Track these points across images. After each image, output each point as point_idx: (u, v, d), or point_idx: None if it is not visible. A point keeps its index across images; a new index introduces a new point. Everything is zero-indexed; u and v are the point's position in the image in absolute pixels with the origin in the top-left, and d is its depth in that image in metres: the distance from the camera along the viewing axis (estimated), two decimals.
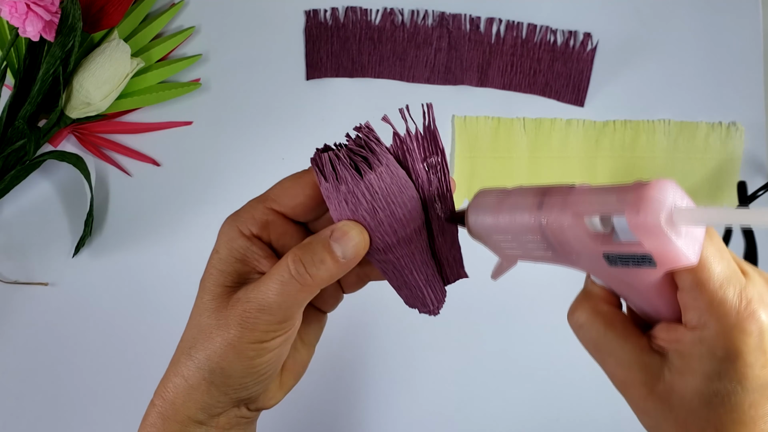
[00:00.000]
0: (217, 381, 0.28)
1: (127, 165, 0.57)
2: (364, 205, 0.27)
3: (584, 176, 0.59)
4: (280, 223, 0.29)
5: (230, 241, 0.29)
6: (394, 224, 0.27)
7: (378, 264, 0.30)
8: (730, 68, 0.60)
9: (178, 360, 0.29)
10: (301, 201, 0.29)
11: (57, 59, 0.50)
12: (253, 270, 0.29)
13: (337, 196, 0.27)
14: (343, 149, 0.27)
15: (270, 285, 0.27)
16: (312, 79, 0.58)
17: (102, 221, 0.56)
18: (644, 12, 0.60)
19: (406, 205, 0.27)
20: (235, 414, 0.30)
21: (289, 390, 0.33)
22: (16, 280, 0.55)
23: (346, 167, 0.27)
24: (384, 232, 0.27)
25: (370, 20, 0.59)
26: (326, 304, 0.33)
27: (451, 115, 0.59)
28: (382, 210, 0.27)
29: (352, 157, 0.27)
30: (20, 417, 0.54)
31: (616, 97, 0.60)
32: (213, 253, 0.30)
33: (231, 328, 0.28)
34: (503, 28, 0.59)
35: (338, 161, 0.27)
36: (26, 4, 0.47)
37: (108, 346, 0.55)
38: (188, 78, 0.58)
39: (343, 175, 0.27)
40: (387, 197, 0.27)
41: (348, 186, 0.27)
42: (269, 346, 0.28)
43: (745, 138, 0.60)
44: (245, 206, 0.30)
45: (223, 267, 0.29)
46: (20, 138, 0.52)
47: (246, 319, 0.27)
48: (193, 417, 0.29)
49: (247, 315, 0.27)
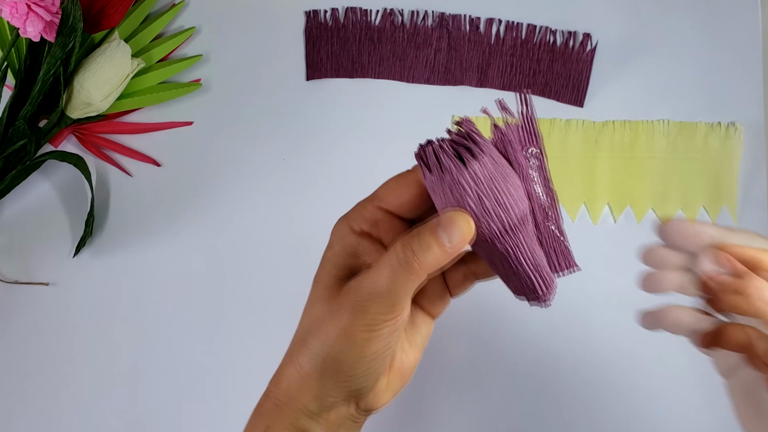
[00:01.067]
0: (329, 369, 0.29)
1: (128, 165, 0.57)
2: (469, 193, 0.27)
3: (584, 176, 0.59)
4: (389, 220, 0.31)
5: (343, 237, 0.31)
6: (500, 212, 0.27)
7: (485, 254, 0.30)
8: (729, 68, 0.60)
9: (293, 350, 0.31)
10: (407, 199, 0.30)
11: (57, 59, 0.50)
12: (363, 263, 0.31)
13: (442, 186, 0.27)
14: (446, 141, 0.28)
15: (380, 272, 0.28)
16: (312, 80, 0.59)
17: (102, 221, 0.56)
18: (644, 12, 0.61)
19: (510, 193, 0.28)
20: (345, 411, 0.31)
21: (396, 393, 0.33)
22: (17, 280, 0.55)
23: (450, 157, 0.27)
24: (490, 219, 0.28)
25: (370, 21, 0.59)
26: (434, 306, 0.34)
27: (451, 116, 0.59)
28: (487, 198, 0.27)
29: (455, 147, 0.28)
30: (20, 417, 0.54)
31: (615, 98, 0.60)
32: (327, 249, 0.32)
33: (343, 314, 0.29)
34: (503, 29, 0.59)
35: (442, 152, 0.27)
36: (27, 5, 0.47)
37: (108, 346, 0.55)
38: (189, 78, 0.58)
39: (447, 165, 0.27)
40: (491, 185, 0.27)
41: (452, 176, 0.27)
42: (380, 334, 0.29)
43: (744, 138, 0.60)
44: (355, 206, 0.32)
45: (336, 261, 0.31)
46: (21, 138, 0.52)
47: (357, 305, 0.29)
48: (306, 406, 0.30)
49: (359, 301, 0.29)
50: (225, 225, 0.56)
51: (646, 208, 0.59)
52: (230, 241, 0.56)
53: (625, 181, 0.59)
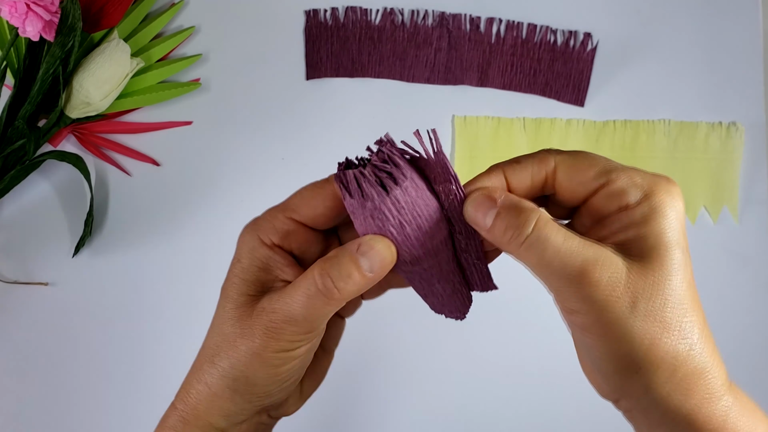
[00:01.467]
0: (241, 389, 0.28)
1: (127, 165, 0.57)
2: (390, 220, 0.26)
3: None
4: (301, 232, 0.29)
5: (252, 250, 0.29)
6: (420, 237, 0.27)
7: (404, 274, 0.29)
8: (729, 68, 0.60)
9: (201, 367, 0.29)
10: (322, 212, 0.29)
11: (57, 59, 0.50)
12: (275, 278, 0.29)
13: (362, 212, 0.27)
14: (368, 166, 0.27)
15: (296, 297, 0.27)
16: (312, 79, 0.58)
17: (102, 221, 0.56)
18: (644, 12, 0.60)
19: (431, 218, 0.27)
20: (257, 421, 0.30)
21: (309, 396, 0.33)
22: (16, 280, 0.55)
23: (371, 185, 0.26)
24: (411, 245, 0.27)
25: (370, 20, 0.59)
26: (346, 310, 0.33)
27: (451, 115, 0.59)
28: (408, 224, 0.27)
29: (377, 173, 0.27)
30: (20, 417, 0.54)
31: (616, 97, 0.60)
32: (234, 261, 0.30)
33: (256, 337, 0.28)
34: (503, 28, 0.59)
35: (363, 179, 0.26)
36: (26, 4, 0.47)
37: (108, 346, 0.55)
38: (188, 78, 0.58)
39: (369, 193, 0.26)
40: (413, 211, 0.27)
41: (374, 203, 0.26)
42: (294, 355, 0.28)
43: (745, 138, 0.60)
44: (265, 215, 0.30)
45: (245, 276, 0.29)
46: (20, 138, 0.52)
47: (271, 329, 0.27)
48: (215, 424, 0.29)
49: (273, 325, 0.27)
50: (224, 225, 0.56)
51: None
52: (230, 241, 0.56)
53: None
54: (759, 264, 0.59)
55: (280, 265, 0.29)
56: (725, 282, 0.59)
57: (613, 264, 0.25)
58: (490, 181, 0.28)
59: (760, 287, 0.59)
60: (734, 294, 0.59)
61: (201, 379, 0.29)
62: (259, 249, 0.29)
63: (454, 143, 0.58)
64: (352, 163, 0.28)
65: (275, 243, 0.29)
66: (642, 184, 0.27)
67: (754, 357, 0.59)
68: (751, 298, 0.59)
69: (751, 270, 0.59)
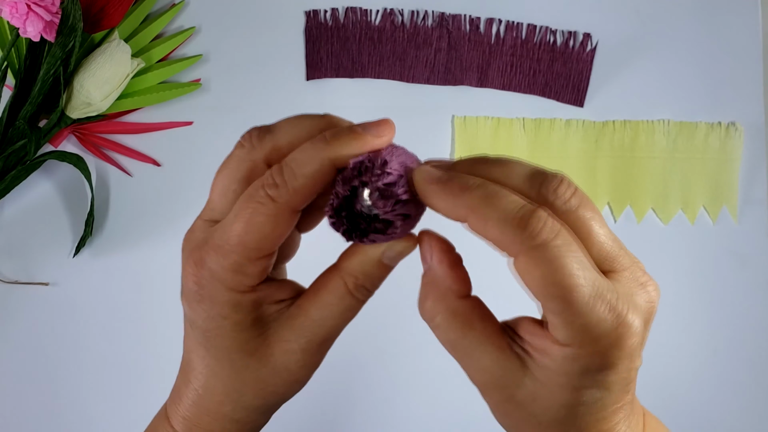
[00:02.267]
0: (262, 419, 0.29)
1: (128, 165, 0.57)
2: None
3: (584, 176, 0.59)
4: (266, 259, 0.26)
5: (234, 305, 0.25)
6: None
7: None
8: (729, 68, 0.60)
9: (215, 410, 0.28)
10: (278, 239, 0.25)
11: (57, 59, 0.50)
12: (271, 304, 0.27)
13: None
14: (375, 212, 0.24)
15: (329, 309, 0.26)
16: (312, 80, 0.59)
17: (102, 221, 0.56)
18: (644, 12, 0.61)
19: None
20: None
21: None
22: (17, 280, 0.55)
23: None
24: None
25: (370, 20, 0.59)
26: (306, 225, 0.29)
27: (451, 116, 0.59)
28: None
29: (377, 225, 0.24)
30: (20, 417, 0.54)
31: (615, 98, 0.60)
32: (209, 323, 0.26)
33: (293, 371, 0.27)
34: (503, 29, 0.59)
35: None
36: (27, 5, 0.47)
37: (108, 346, 0.55)
38: (188, 78, 0.58)
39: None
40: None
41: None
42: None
43: (744, 138, 0.60)
44: (222, 266, 0.25)
45: (239, 330, 0.26)
46: (21, 138, 0.52)
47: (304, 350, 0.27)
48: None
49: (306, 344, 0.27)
50: None
51: (647, 208, 0.59)
52: None
53: (625, 181, 0.59)
54: (758, 264, 0.60)
55: (273, 291, 0.26)
56: (725, 282, 0.59)
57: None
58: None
59: (760, 287, 0.59)
60: (734, 294, 0.59)
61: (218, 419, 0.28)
62: (244, 297, 0.25)
63: (454, 143, 0.59)
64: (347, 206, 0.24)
65: (255, 285, 0.26)
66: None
67: (754, 357, 0.59)
68: (751, 298, 0.59)
69: (750, 270, 0.60)
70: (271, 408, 0.28)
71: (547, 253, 0.21)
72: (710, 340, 0.59)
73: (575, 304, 0.21)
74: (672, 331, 0.59)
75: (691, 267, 0.59)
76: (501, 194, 0.22)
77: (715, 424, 0.58)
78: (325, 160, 0.24)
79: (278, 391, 0.27)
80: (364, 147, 0.24)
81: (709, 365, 0.59)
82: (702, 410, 0.58)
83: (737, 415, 0.59)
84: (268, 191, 0.24)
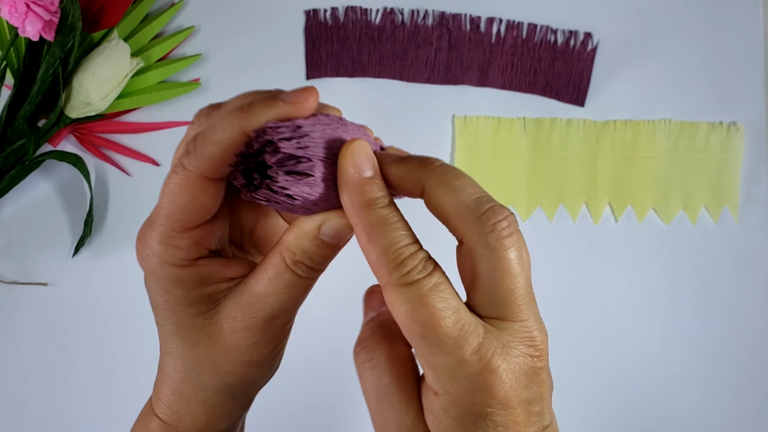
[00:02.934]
0: (239, 392, 0.27)
1: (127, 165, 0.57)
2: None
3: (585, 176, 0.59)
4: (200, 230, 0.25)
5: (174, 280, 0.25)
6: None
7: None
8: (730, 68, 0.60)
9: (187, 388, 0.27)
10: (204, 207, 0.25)
11: (56, 59, 0.50)
12: (219, 282, 0.26)
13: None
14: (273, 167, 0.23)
15: (274, 289, 0.25)
16: (312, 79, 0.58)
17: (102, 221, 0.56)
18: (644, 12, 0.60)
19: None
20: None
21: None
22: (16, 280, 0.55)
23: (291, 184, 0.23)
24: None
25: (370, 20, 0.59)
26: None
27: (451, 115, 0.59)
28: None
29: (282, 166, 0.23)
30: (20, 417, 0.54)
31: (616, 97, 0.60)
32: (159, 298, 0.26)
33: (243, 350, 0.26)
34: (503, 28, 0.59)
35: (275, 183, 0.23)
36: (26, 4, 0.47)
37: (108, 346, 0.55)
38: (188, 78, 0.58)
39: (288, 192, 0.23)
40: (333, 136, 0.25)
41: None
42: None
43: (745, 138, 0.60)
44: (156, 238, 0.25)
45: (182, 303, 0.26)
46: (20, 138, 0.52)
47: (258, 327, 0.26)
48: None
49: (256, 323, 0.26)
50: None
51: (648, 208, 0.59)
52: None
53: (626, 180, 0.59)
54: (759, 264, 0.59)
55: (220, 268, 0.26)
56: (726, 282, 0.59)
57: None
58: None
59: (761, 287, 0.59)
60: (734, 294, 0.59)
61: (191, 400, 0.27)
62: (182, 272, 0.25)
63: (454, 143, 0.58)
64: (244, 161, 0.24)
65: (193, 259, 0.25)
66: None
67: (754, 357, 0.59)
68: (752, 298, 0.59)
69: (751, 270, 0.59)
70: (234, 391, 0.27)
71: (415, 290, 0.21)
72: (711, 340, 0.59)
73: (437, 343, 0.21)
74: (672, 330, 0.59)
75: (692, 267, 0.59)
76: (394, 225, 0.22)
77: (715, 424, 0.58)
78: (235, 127, 0.24)
79: (234, 372, 0.26)
80: (277, 115, 0.24)
81: (709, 365, 0.59)
82: (702, 410, 0.58)
83: (737, 415, 0.59)
84: (181, 160, 0.24)
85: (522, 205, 0.59)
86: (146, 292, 0.27)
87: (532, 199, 0.59)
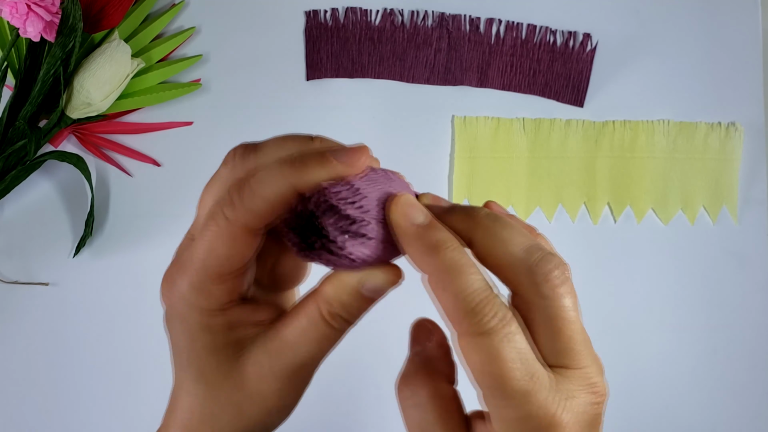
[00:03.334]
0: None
1: (128, 165, 0.57)
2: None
3: (584, 176, 0.59)
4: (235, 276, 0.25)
5: (208, 325, 0.25)
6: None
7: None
8: (729, 68, 0.61)
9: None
10: (243, 259, 0.24)
11: (57, 60, 0.50)
12: (248, 326, 0.26)
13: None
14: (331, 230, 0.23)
15: (304, 341, 0.25)
16: (312, 80, 0.59)
17: (102, 221, 0.56)
18: (644, 12, 0.61)
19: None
20: None
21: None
22: (17, 280, 0.55)
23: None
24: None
25: (370, 21, 0.59)
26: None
27: (451, 116, 0.59)
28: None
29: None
30: (20, 417, 0.54)
31: (615, 98, 0.60)
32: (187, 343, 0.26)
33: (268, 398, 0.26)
34: (503, 29, 0.59)
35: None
36: (27, 5, 0.47)
37: (108, 346, 0.55)
38: (188, 78, 0.58)
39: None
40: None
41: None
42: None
43: (744, 138, 0.60)
44: (192, 290, 0.25)
45: (212, 348, 0.26)
46: (21, 138, 0.52)
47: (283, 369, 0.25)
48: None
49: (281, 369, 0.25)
50: None
51: (647, 208, 0.59)
52: None
53: (625, 181, 0.59)
54: (758, 264, 0.60)
55: (249, 313, 0.26)
56: (724, 282, 0.59)
57: None
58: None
59: (760, 287, 0.60)
60: (733, 294, 0.59)
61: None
62: (213, 319, 0.25)
63: (454, 144, 0.59)
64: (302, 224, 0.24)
65: (225, 307, 0.25)
66: None
67: (753, 357, 0.59)
68: (751, 299, 0.59)
69: (750, 270, 0.60)
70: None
71: (488, 342, 0.21)
72: (710, 340, 0.59)
73: (507, 397, 0.21)
74: (672, 331, 0.59)
75: (691, 267, 0.59)
76: (467, 270, 0.22)
77: (715, 424, 0.59)
78: (287, 184, 0.23)
79: (255, 418, 0.26)
80: (330, 174, 0.23)
81: (708, 365, 0.59)
82: (701, 410, 0.58)
83: (737, 416, 0.59)
84: (225, 211, 0.23)
85: (521, 205, 0.59)
86: (167, 330, 0.27)
87: (532, 199, 0.59)
